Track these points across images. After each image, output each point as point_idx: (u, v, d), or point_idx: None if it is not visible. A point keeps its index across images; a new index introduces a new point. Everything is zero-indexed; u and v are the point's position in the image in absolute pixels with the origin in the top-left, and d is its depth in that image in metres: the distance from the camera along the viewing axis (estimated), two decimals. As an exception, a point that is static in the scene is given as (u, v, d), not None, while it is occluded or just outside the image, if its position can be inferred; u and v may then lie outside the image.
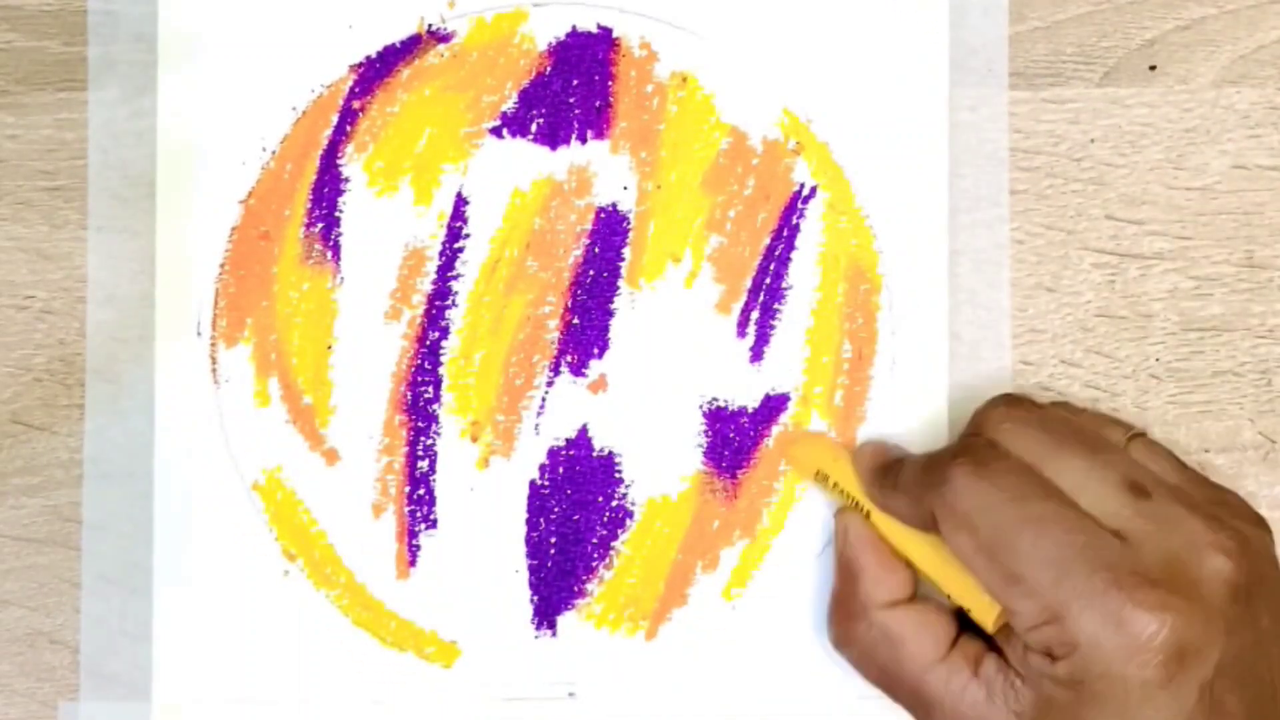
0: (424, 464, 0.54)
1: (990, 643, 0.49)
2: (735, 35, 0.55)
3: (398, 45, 0.55)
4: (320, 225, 0.55)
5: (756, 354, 0.54)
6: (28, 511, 0.55)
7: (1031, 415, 0.48)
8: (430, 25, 0.55)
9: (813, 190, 0.55)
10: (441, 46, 0.55)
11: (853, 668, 0.51)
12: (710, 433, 0.54)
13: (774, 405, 0.54)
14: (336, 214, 0.55)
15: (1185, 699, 0.44)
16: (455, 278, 0.55)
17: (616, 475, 0.54)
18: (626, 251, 0.55)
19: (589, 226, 0.55)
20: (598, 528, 0.54)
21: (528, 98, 0.55)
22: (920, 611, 0.49)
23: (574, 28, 0.55)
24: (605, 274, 0.55)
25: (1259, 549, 0.47)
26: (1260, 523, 0.49)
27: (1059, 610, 0.45)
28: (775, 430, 0.54)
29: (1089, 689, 0.45)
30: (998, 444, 0.48)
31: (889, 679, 0.49)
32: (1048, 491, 0.46)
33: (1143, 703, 0.44)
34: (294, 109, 0.55)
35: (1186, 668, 0.44)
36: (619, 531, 0.54)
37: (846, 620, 0.50)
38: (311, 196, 0.55)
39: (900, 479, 0.49)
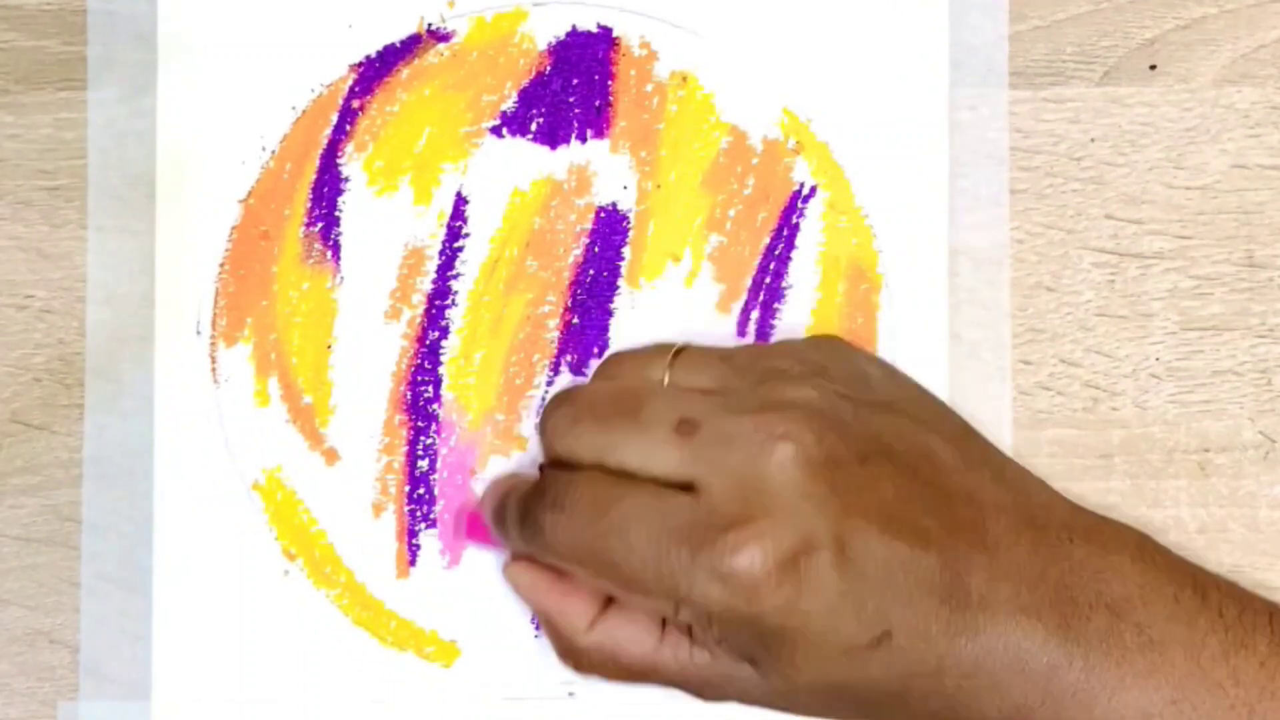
0: (424, 463, 0.54)
1: None
2: (735, 35, 0.55)
3: (397, 45, 0.55)
4: (320, 224, 0.55)
5: (756, 353, 0.54)
6: (27, 511, 0.55)
7: (575, 409, 0.49)
8: (430, 25, 0.55)
9: (813, 190, 0.55)
10: (441, 46, 0.55)
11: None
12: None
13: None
14: (336, 213, 0.55)
15: (827, 586, 0.45)
16: (455, 277, 0.55)
17: (616, 475, 0.54)
18: (626, 251, 0.55)
19: (589, 226, 0.55)
20: (598, 527, 0.54)
21: (527, 97, 0.55)
22: (619, 615, 0.49)
23: (574, 27, 0.55)
24: (605, 273, 0.55)
25: (817, 399, 0.47)
26: (811, 362, 0.49)
27: (674, 595, 0.46)
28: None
29: (753, 636, 0.46)
30: (562, 461, 0.48)
31: (634, 678, 0.50)
32: (617, 490, 0.47)
33: (796, 618, 0.45)
34: (294, 108, 0.55)
35: (802, 567, 0.45)
36: (619, 531, 0.54)
37: (569, 657, 0.51)
38: (311, 196, 0.55)
39: (512, 530, 0.50)
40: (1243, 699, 0.45)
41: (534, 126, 0.55)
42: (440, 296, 0.55)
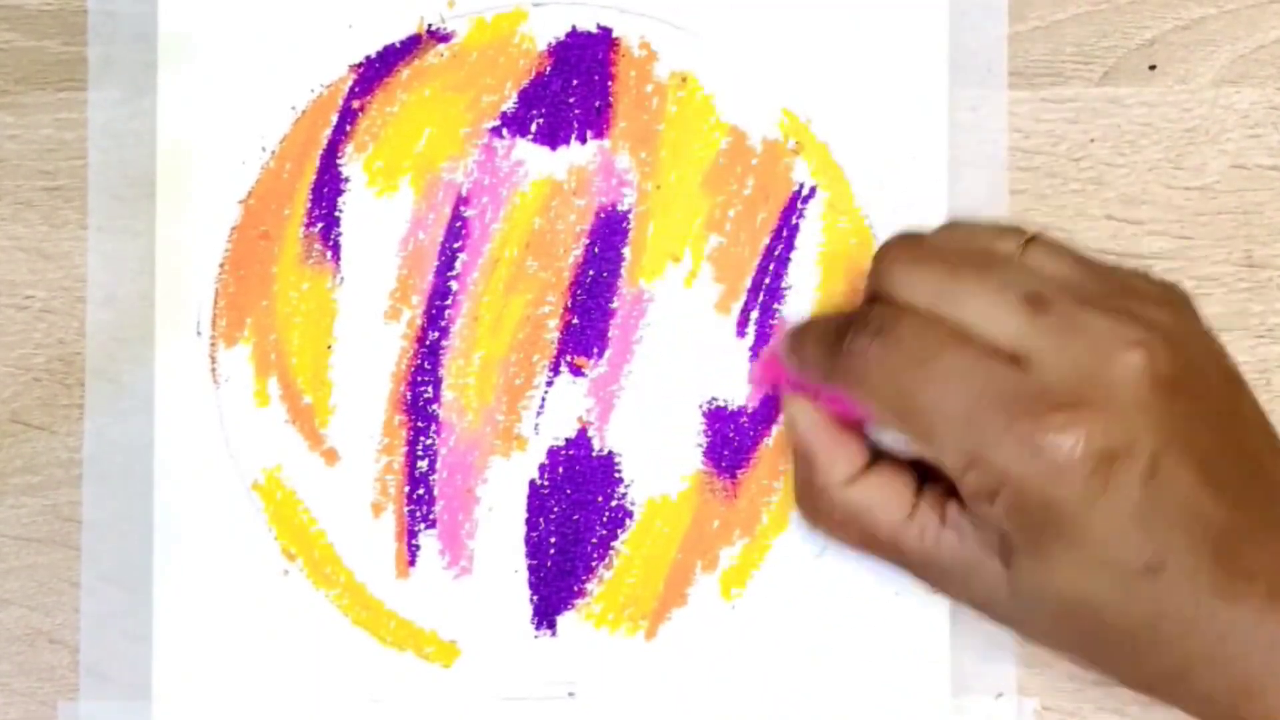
0: (423, 464, 0.54)
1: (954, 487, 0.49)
2: (735, 35, 0.55)
3: (397, 45, 0.55)
4: (320, 225, 0.55)
5: (756, 354, 0.54)
6: (27, 511, 0.55)
7: (921, 252, 0.48)
8: (430, 25, 0.55)
9: (812, 190, 0.55)
10: (441, 46, 0.55)
11: (832, 542, 0.51)
12: (710, 432, 0.54)
13: (774, 405, 0.54)
14: (336, 214, 0.55)
15: (1128, 496, 0.44)
16: (455, 277, 0.55)
17: (616, 475, 0.54)
18: (626, 251, 0.55)
19: (589, 226, 0.55)
20: (597, 528, 0.54)
21: (527, 98, 0.55)
22: (879, 478, 0.49)
23: (574, 28, 0.55)
24: (605, 274, 0.55)
25: (1174, 326, 0.47)
26: (1172, 295, 0.48)
27: (975, 455, 0.45)
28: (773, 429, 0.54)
29: (1033, 519, 0.45)
30: (893, 297, 0.47)
31: (868, 547, 0.50)
32: (946, 340, 0.46)
33: (1088, 515, 0.44)
34: (294, 109, 0.55)
35: (1117, 469, 0.44)
36: (619, 531, 0.54)
37: (813, 505, 0.50)
38: (311, 196, 0.55)
39: (811, 353, 0.49)
40: None
41: (534, 127, 0.55)
42: (440, 297, 0.55)
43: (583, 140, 0.55)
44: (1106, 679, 0.48)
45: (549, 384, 0.55)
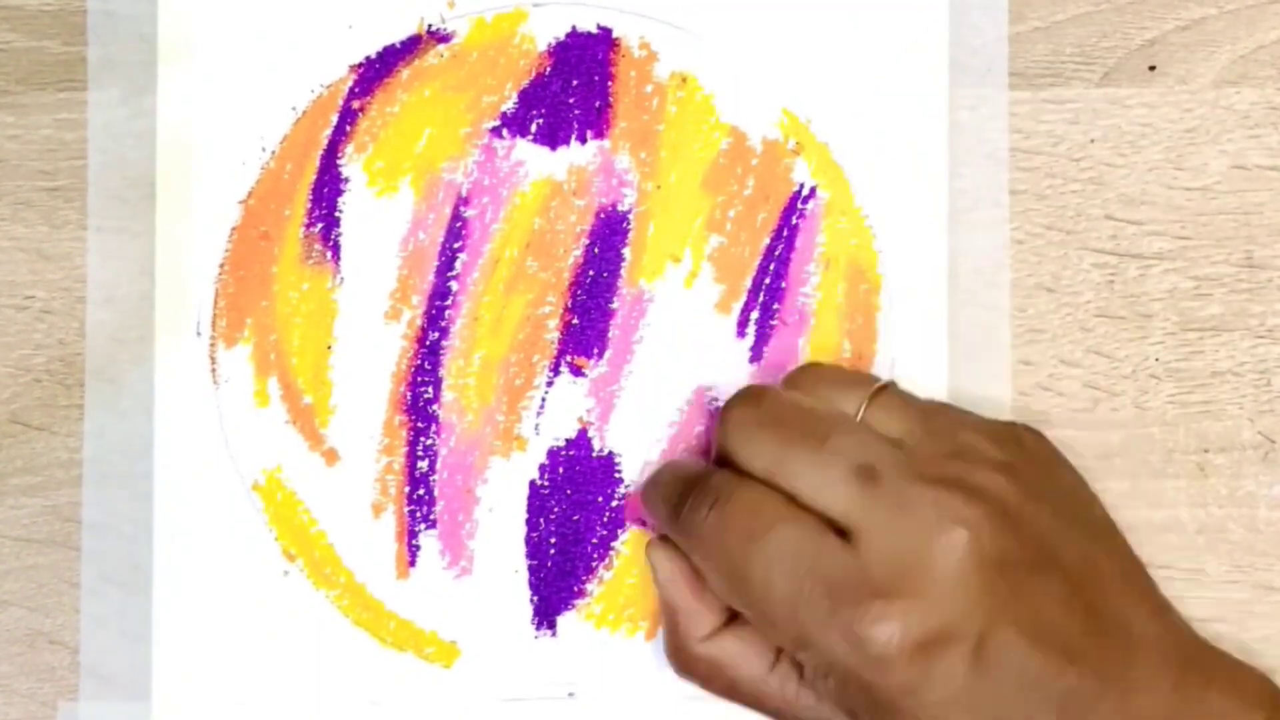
0: (424, 464, 0.54)
1: None
2: (735, 35, 0.55)
3: (398, 45, 0.55)
4: (320, 225, 0.55)
5: (756, 354, 0.54)
6: (28, 512, 0.55)
7: (761, 415, 0.48)
8: (430, 25, 0.55)
9: (812, 190, 0.55)
10: (441, 47, 0.55)
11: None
12: (710, 432, 0.54)
13: (774, 405, 0.54)
14: (336, 214, 0.55)
15: (951, 680, 0.44)
16: (455, 278, 0.55)
17: (616, 475, 0.54)
18: (626, 251, 0.55)
19: (589, 226, 0.55)
20: (598, 528, 0.54)
21: (527, 98, 0.55)
22: (738, 634, 0.50)
23: (574, 28, 0.55)
24: (605, 274, 0.55)
25: (1008, 491, 0.46)
26: (1017, 448, 0.48)
27: (803, 639, 0.46)
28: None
29: (862, 704, 0.46)
30: (734, 460, 0.48)
31: (733, 697, 0.50)
32: (778, 515, 0.46)
33: (912, 702, 0.45)
34: (294, 109, 0.55)
35: (938, 653, 0.44)
36: (619, 531, 0.54)
37: (676, 656, 0.51)
38: (311, 196, 0.55)
39: (661, 508, 0.50)
40: None
41: (534, 127, 0.55)
42: (440, 297, 0.55)
43: (583, 140, 0.55)
44: None
45: (549, 384, 0.55)
